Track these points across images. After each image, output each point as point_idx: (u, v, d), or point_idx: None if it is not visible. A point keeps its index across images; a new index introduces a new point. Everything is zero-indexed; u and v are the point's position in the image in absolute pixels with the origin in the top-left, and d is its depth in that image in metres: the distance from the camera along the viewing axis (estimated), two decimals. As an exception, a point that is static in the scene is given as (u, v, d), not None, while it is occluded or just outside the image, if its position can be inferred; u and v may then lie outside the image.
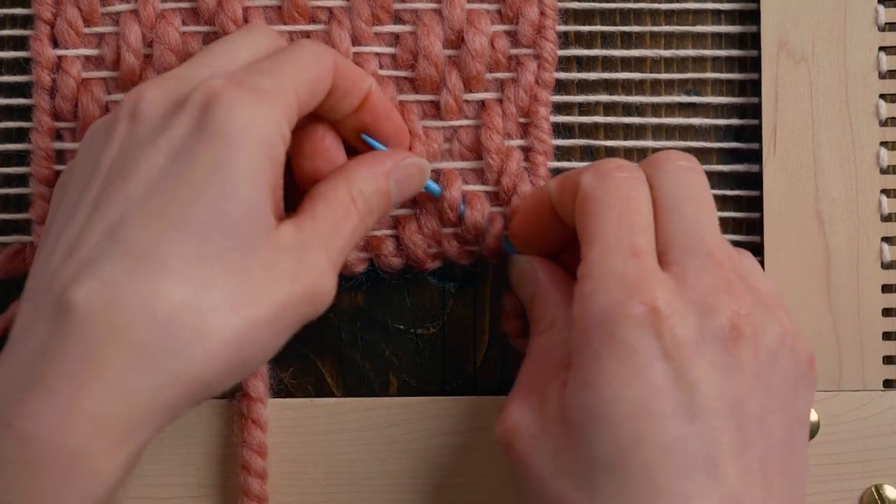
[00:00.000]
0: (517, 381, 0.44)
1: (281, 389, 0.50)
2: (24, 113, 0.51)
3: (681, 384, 0.39)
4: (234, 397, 0.49)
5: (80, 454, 0.37)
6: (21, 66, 0.51)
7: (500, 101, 0.50)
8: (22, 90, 0.51)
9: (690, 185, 0.43)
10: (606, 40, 0.51)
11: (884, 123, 0.50)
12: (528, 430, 0.41)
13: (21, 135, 0.51)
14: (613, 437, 0.39)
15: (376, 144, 0.47)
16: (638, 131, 0.51)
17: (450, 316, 0.51)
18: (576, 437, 0.40)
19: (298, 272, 0.41)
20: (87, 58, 0.50)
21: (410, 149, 0.49)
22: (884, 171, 0.50)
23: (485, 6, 0.50)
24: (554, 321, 0.45)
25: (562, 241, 0.47)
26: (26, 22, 0.51)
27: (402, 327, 0.51)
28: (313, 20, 0.50)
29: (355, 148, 0.48)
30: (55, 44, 0.50)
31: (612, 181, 0.42)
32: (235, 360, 0.39)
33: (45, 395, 0.37)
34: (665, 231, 0.42)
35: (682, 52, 0.51)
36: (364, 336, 0.51)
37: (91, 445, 0.37)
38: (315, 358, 0.50)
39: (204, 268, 0.39)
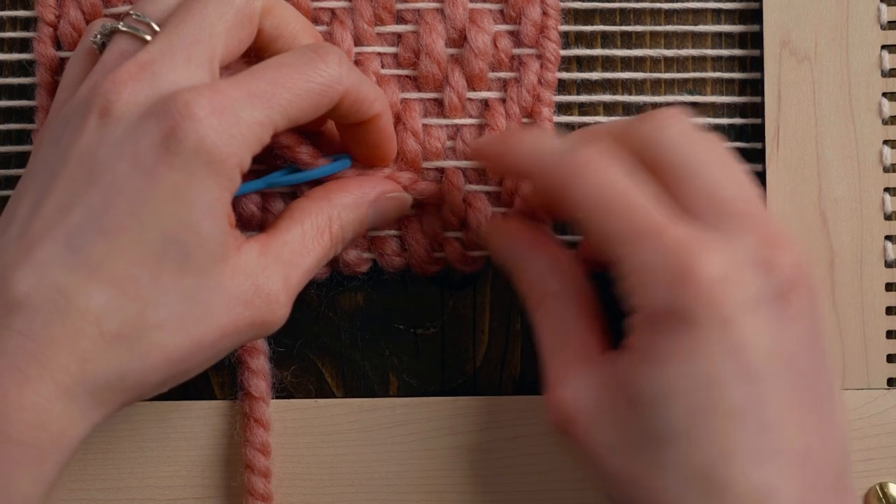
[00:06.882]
0: (547, 365, 0.44)
1: (281, 389, 0.50)
2: (26, 115, 0.51)
3: (741, 351, 0.39)
4: (237, 397, 0.49)
5: (26, 444, 0.38)
6: (24, 68, 0.51)
7: (504, 100, 0.50)
8: (24, 92, 0.51)
9: (698, 149, 0.42)
10: (607, 40, 0.51)
11: (887, 122, 0.50)
12: (586, 410, 0.42)
13: (23, 138, 0.51)
14: (686, 406, 0.39)
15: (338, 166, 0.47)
16: (639, 131, 0.51)
17: (450, 316, 0.51)
18: (643, 410, 0.40)
19: (252, 301, 0.42)
20: (89, 59, 0.50)
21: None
22: (887, 170, 0.50)
23: (487, 6, 0.50)
24: (545, 293, 0.44)
25: None
26: (28, 24, 0.51)
27: (402, 327, 0.51)
28: (316, 21, 0.50)
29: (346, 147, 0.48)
30: (58, 45, 0.50)
31: (578, 174, 0.42)
32: (174, 372, 0.41)
33: None
34: (688, 198, 0.41)
35: (684, 52, 0.51)
36: (364, 336, 0.51)
37: (37, 436, 0.38)
38: (315, 358, 0.50)
39: (156, 288, 0.40)
